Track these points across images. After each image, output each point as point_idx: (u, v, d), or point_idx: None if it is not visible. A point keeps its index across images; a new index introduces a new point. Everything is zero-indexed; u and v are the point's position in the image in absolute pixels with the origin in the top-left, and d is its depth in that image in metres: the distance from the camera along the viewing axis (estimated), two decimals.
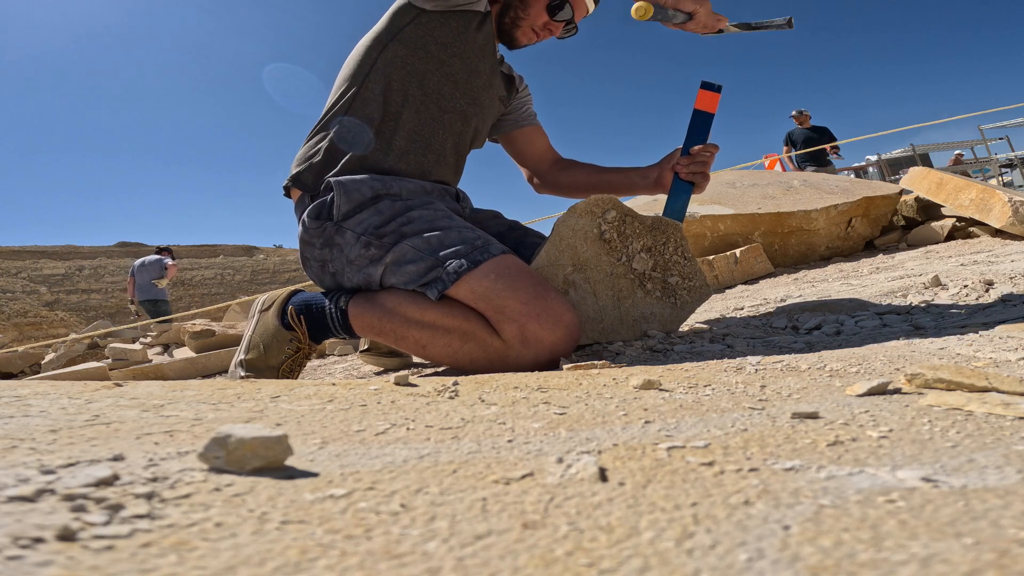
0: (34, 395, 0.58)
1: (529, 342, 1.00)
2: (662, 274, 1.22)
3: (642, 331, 1.19)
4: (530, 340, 1.00)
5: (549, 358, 1.01)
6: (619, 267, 1.19)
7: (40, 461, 0.35)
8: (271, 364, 1.18)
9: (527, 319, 1.00)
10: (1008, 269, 1.45)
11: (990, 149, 11.67)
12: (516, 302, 1.01)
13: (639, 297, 1.19)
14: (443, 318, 1.06)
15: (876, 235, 2.79)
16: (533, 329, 1.00)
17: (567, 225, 1.16)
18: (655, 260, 1.22)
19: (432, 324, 1.06)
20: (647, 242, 1.22)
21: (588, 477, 0.36)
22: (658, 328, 1.19)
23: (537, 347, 1.00)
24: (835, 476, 0.34)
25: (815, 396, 0.56)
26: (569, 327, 1.02)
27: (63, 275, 16.66)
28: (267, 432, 0.36)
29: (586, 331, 1.15)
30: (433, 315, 1.06)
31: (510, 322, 1.00)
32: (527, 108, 1.50)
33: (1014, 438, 0.40)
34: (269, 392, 0.64)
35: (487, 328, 1.03)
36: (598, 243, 1.18)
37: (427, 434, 0.47)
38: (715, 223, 2.57)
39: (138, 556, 0.25)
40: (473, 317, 1.04)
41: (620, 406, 0.55)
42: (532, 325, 0.99)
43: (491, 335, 1.03)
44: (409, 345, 1.10)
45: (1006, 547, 0.25)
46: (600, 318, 1.16)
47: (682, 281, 1.23)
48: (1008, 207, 2.16)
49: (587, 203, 1.18)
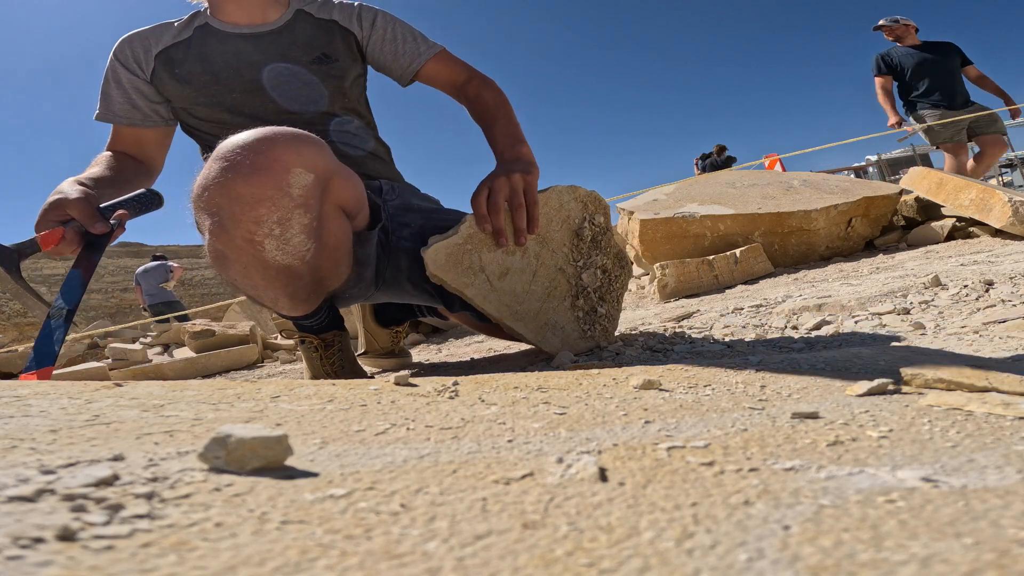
0: (34, 395, 0.58)
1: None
2: (598, 299, 1.17)
3: (543, 336, 1.10)
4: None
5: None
6: (570, 268, 1.13)
7: (40, 461, 0.35)
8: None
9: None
10: (1008, 269, 1.45)
11: None
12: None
13: (565, 306, 1.13)
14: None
15: (876, 235, 2.79)
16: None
17: (560, 197, 1.11)
18: (602, 283, 1.18)
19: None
20: (608, 264, 1.18)
21: (588, 477, 0.36)
22: (557, 345, 1.11)
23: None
24: (835, 476, 0.34)
25: (815, 396, 0.56)
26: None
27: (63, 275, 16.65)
28: (267, 432, 0.36)
29: (500, 303, 1.05)
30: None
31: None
32: (397, 48, 1.29)
33: (1014, 438, 0.40)
34: (269, 392, 0.64)
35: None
36: (571, 234, 1.13)
37: (427, 434, 0.47)
38: (715, 223, 2.57)
39: (138, 556, 0.25)
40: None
41: (620, 406, 0.55)
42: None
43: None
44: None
45: (1006, 547, 0.25)
46: (520, 299, 1.07)
47: (604, 317, 1.18)
48: (1008, 207, 2.16)
49: (586, 194, 1.15)
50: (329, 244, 0.99)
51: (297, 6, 1.27)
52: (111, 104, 1.23)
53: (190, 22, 1.23)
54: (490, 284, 1.04)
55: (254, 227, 0.86)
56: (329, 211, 0.97)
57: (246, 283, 0.96)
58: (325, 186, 0.94)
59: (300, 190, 0.87)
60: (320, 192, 0.93)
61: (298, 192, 0.87)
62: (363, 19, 1.28)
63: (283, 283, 0.96)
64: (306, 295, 1.03)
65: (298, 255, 0.92)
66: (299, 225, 0.89)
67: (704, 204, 2.71)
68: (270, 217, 0.86)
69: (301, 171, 0.87)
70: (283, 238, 0.89)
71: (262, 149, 0.85)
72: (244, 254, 0.89)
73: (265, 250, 0.88)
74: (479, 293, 1.03)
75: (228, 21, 1.22)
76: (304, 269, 0.96)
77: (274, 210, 0.86)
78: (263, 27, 1.23)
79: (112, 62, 1.22)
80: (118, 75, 1.21)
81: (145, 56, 1.21)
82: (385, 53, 1.29)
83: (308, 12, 1.27)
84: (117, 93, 1.22)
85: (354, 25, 1.28)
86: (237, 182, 0.83)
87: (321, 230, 0.95)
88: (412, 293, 1.21)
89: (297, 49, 1.22)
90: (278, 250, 0.89)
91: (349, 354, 1.24)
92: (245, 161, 0.83)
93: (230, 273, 0.95)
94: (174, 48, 1.20)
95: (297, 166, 0.87)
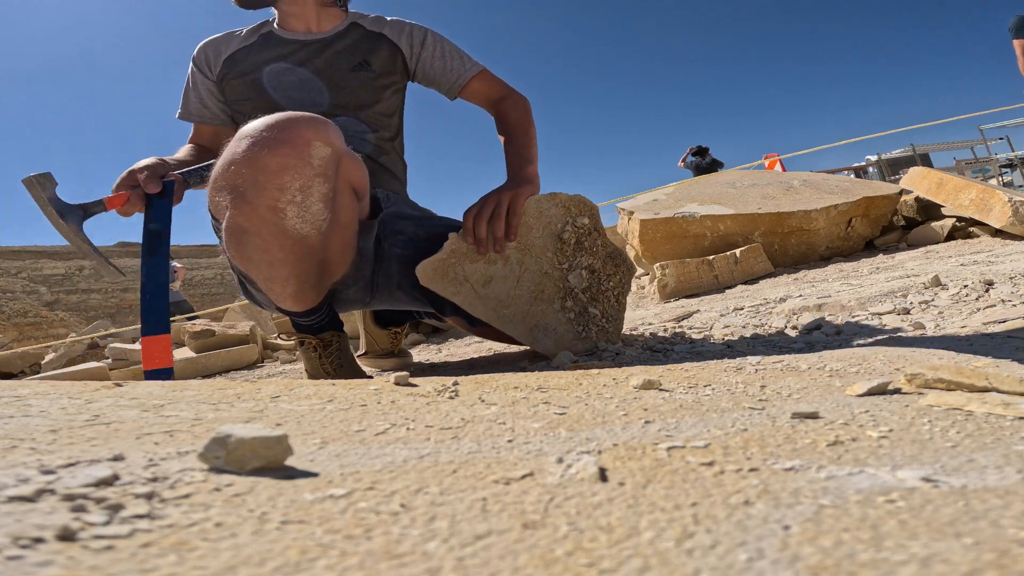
0: (34, 395, 0.58)
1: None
2: (587, 300, 1.18)
3: (534, 338, 1.13)
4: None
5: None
6: (556, 271, 1.16)
7: (40, 461, 0.35)
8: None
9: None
10: (1008, 269, 1.45)
11: (990, 149, 11.68)
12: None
13: (554, 308, 1.15)
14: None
15: (876, 235, 2.79)
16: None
17: (539, 206, 1.15)
18: (590, 283, 1.18)
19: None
20: (596, 264, 1.19)
21: (588, 477, 0.35)
22: (550, 347, 1.14)
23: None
24: (835, 476, 0.34)
25: (815, 396, 0.56)
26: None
27: (63, 275, 16.66)
28: (267, 432, 0.36)
29: (487, 307, 1.11)
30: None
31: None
32: (445, 64, 1.40)
33: (1014, 438, 0.40)
34: (269, 392, 0.64)
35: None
36: (553, 238, 1.16)
37: (427, 434, 0.47)
38: (715, 223, 2.57)
39: (138, 556, 0.25)
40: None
41: (620, 406, 0.55)
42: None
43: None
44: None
45: (1006, 547, 0.25)
46: (507, 303, 1.12)
47: (600, 317, 1.19)
48: (1008, 207, 2.16)
49: (568, 199, 1.17)
50: (341, 220, 1.06)
51: (352, 19, 1.41)
52: (188, 104, 1.39)
53: (257, 30, 1.38)
54: (475, 292, 1.11)
55: (278, 194, 0.94)
56: (342, 187, 1.05)
57: (262, 257, 1.01)
58: (339, 163, 1.02)
59: (320, 160, 0.96)
60: (336, 166, 1.00)
61: (318, 162, 0.96)
62: (414, 38, 1.41)
63: (297, 257, 1.01)
64: (315, 280, 1.08)
65: (316, 224, 0.99)
66: (318, 193, 0.98)
67: (704, 204, 2.71)
68: (293, 184, 0.94)
69: (320, 144, 0.96)
70: (304, 205, 0.97)
71: (286, 127, 0.94)
72: (266, 224, 0.96)
73: (287, 217, 0.96)
74: (466, 300, 1.10)
75: (288, 30, 1.37)
76: (318, 244, 1.02)
77: (297, 178, 0.94)
78: (317, 35, 1.36)
79: (191, 66, 1.38)
80: (195, 78, 1.37)
81: (215, 60, 1.35)
82: (435, 69, 1.41)
83: (361, 24, 1.40)
84: (193, 94, 1.38)
85: (403, 42, 1.40)
86: (263, 153, 0.92)
87: (335, 203, 1.03)
88: (404, 300, 1.25)
89: (340, 56, 1.34)
90: (298, 217, 0.97)
91: (348, 354, 1.25)
92: (271, 136, 0.93)
93: (247, 249, 1.00)
94: (239, 52, 1.35)
95: (317, 140, 0.95)
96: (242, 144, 0.94)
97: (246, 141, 0.94)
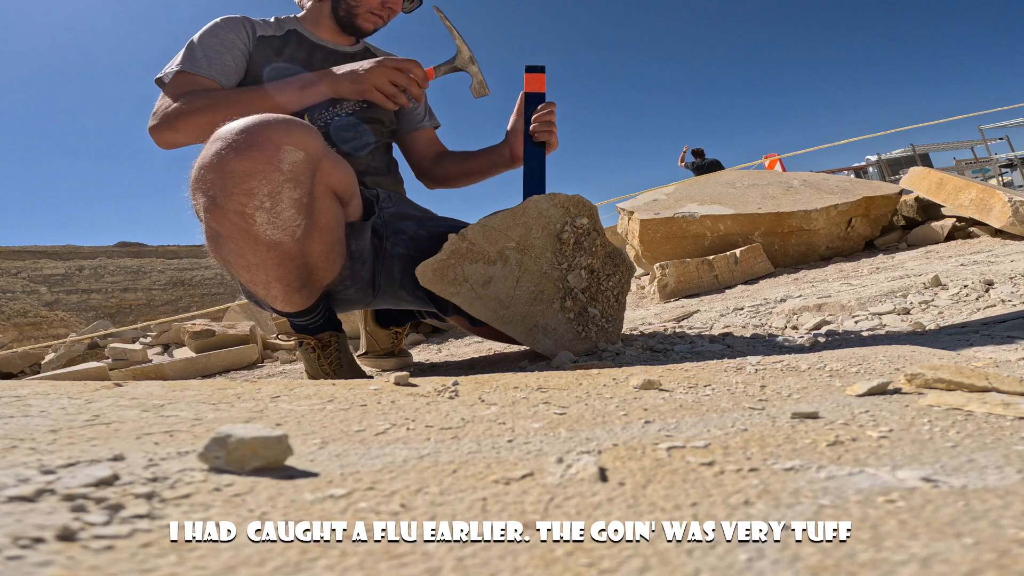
0: (34, 395, 0.58)
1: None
2: (587, 300, 1.19)
3: (534, 338, 1.14)
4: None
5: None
6: (555, 271, 1.16)
7: (40, 461, 0.35)
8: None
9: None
10: (1008, 269, 1.45)
11: (990, 149, 11.68)
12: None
13: (553, 308, 1.16)
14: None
15: (876, 235, 2.78)
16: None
17: (538, 206, 1.16)
18: (589, 283, 1.19)
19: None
20: (595, 264, 1.19)
21: (588, 477, 0.35)
22: (550, 347, 1.14)
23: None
24: (835, 476, 0.34)
25: (815, 396, 0.56)
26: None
27: (63, 275, 16.66)
28: (267, 432, 0.36)
29: (487, 308, 1.12)
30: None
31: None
32: (419, 106, 1.50)
33: (1014, 438, 0.40)
34: (269, 392, 0.64)
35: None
36: (552, 239, 1.16)
37: (427, 434, 0.47)
38: (715, 223, 2.57)
39: (138, 556, 0.25)
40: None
41: (620, 406, 0.55)
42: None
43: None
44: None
45: (1006, 547, 0.25)
46: (506, 304, 1.13)
47: (600, 317, 1.19)
48: (1008, 207, 2.16)
49: (567, 199, 1.19)
50: (320, 224, 1.04)
51: (364, 44, 1.49)
52: (211, 61, 1.29)
53: (279, 25, 1.38)
54: (475, 292, 1.12)
55: (245, 199, 0.92)
56: (320, 192, 1.03)
57: (239, 262, 1.00)
58: (316, 167, 1.00)
59: (290, 165, 0.94)
60: (311, 171, 0.99)
61: (288, 167, 0.94)
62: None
63: (274, 263, 1.00)
64: (299, 284, 1.07)
65: (288, 230, 0.97)
66: (289, 199, 0.96)
67: (704, 204, 2.71)
68: (260, 190, 0.92)
69: (291, 148, 0.94)
70: (273, 211, 0.95)
71: (255, 130, 0.92)
72: (236, 229, 0.95)
73: (256, 223, 0.94)
74: (465, 300, 1.11)
75: (317, 34, 1.39)
76: (295, 249, 1.00)
77: (265, 183, 0.92)
78: (344, 48, 1.41)
79: (225, 30, 1.30)
80: (232, 40, 1.30)
81: (252, 35, 1.34)
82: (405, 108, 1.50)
83: (371, 50, 1.49)
84: (228, 55, 1.29)
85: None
86: (230, 157, 0.91)
87: (312, 209, 1.01)
88: (407, 299, 1.26)
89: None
90: (268, 224, 0.95)
91: (347, 355, 1.25)
92: (239, 139, 0.91)
93: (223, 253, 0.99)
94: (271, 40, 1.34)
95: (288, 144, 0.94)
96: (213, 147, 0.93)
97: (217, 144, 0.93)
